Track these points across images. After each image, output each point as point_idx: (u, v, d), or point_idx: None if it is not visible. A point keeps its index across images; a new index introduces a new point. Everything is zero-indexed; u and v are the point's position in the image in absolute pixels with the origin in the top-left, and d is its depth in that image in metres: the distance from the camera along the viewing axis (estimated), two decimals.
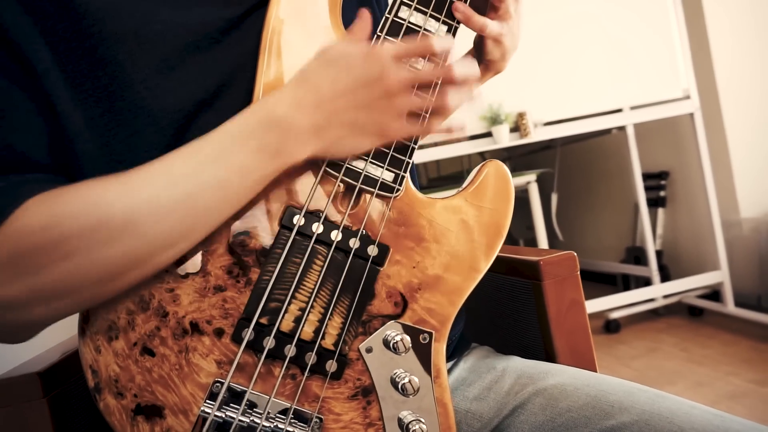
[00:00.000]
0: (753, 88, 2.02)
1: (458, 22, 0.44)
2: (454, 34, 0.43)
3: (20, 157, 0.38)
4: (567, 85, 1.87)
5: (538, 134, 1.85)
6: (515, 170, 2.88)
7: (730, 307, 1.91)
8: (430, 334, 0.42)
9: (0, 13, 0.38)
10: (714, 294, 2.01)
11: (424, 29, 0.42)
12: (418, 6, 0.42)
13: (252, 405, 0.38)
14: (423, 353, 0.41)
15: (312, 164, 0.40)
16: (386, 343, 0.41)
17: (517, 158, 2.94)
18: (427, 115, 0.41)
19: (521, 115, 1.82)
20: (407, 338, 0.41)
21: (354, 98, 0.38)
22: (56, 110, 0.39)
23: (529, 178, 2.01)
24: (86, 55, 0.40)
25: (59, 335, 0.58)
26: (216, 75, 0.42)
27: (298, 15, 0.42)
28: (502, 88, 1.84)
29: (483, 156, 2.88)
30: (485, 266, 0.43)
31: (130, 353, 0.37)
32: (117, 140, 0.40)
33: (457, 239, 0.43)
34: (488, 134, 1.84)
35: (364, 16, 0.41)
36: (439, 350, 0.42)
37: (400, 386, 0.40)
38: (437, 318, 0.42)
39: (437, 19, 0.43)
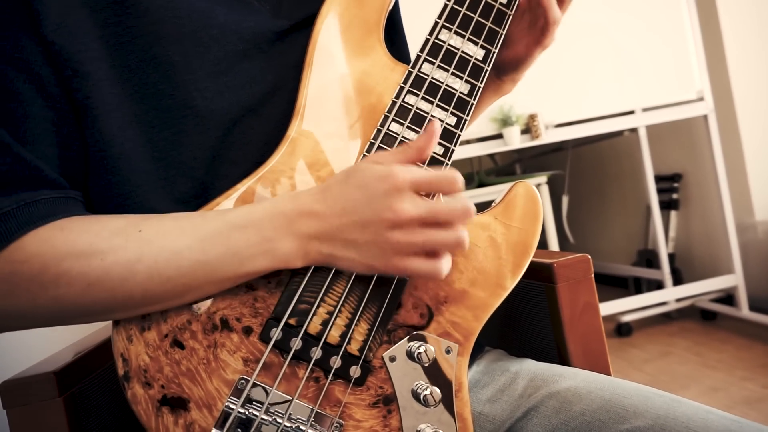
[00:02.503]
0: None
1: (496, 47, 0.44)
2: (491, 60, 0.44)
3: (33, 172, 0.37)
4: (579, 87, 1.85)
5: (549, 136, 1.84)
6: (526, 172, 2.87)
7: (744, 311, 1.89)
8: (454, 347, 0.42)
9: (47, 11, 0.38)
10: (728, 298, 1.98)
11: (462, 51, 0.43)
12: (457, 30, 0.43)
13: (275, 404, 0.38)
14: (446, 366, 0.41)
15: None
16: (410, 353, 0.41)
17: (528, 160, 2.93)
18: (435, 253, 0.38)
19: (532, 117, 1.81)
20: (431, 350, 0.41)
21: (360, 217, 0.36)
22: (89, 114, 0.39)
23: (540, 180, 2.00)
24: (137, 52, 0.40)
25: (72, 336, 0.59)
26: (261, 83, 0.43)
27: (343, 33, 0.44)
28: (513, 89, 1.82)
29: (493, 158, 2.87)
30: (511, 284, 0.44)
31: (161, 344, 0.37)
32: (161, 137, 0.41)
33: (484, 255, 0.43)
34: (499, 136, 1.84)
35: (429, 130, 0.39)
36: (462, 364, 0.42)
37: (421, 397, 0.40)
38: (461, 332, 0.42)
39: (475, 43, 0.44)
